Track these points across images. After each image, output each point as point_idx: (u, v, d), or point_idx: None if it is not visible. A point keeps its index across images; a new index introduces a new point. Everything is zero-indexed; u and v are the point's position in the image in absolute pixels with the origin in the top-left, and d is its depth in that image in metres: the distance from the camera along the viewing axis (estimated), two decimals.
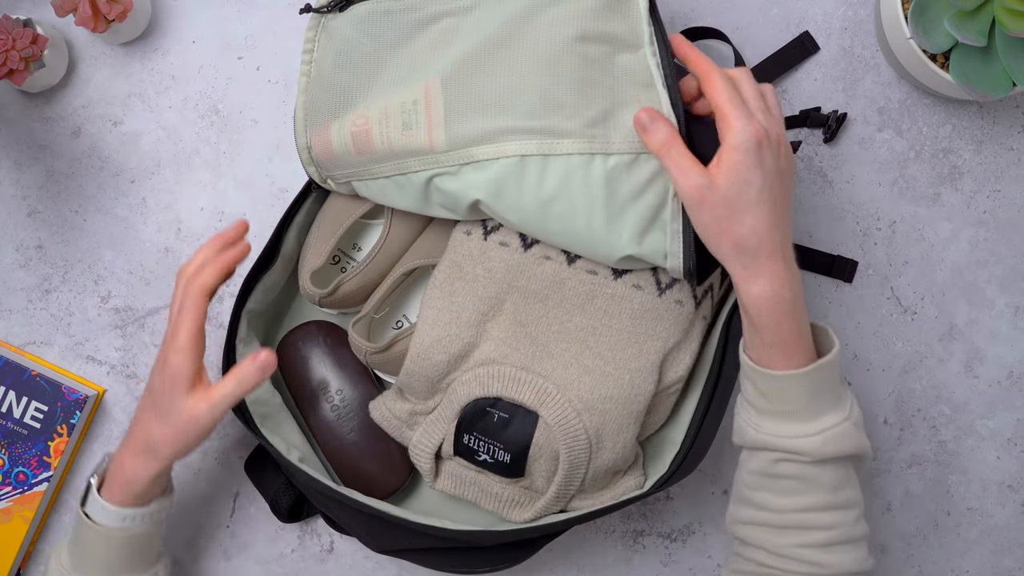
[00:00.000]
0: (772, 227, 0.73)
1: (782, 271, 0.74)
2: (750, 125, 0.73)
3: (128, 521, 0.82)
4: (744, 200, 0.73)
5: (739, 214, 0.73)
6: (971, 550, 0.99)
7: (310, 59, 0.84)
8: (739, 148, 0.73)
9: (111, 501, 0.81)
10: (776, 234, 0.74)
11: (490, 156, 0.77)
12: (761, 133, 0.73)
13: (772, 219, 0.73)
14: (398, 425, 0.89)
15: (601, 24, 0.78)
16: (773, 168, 0.73)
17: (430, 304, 0.85)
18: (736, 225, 0.73)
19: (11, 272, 1.00)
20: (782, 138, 0.75)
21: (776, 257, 0.74)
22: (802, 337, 0.75)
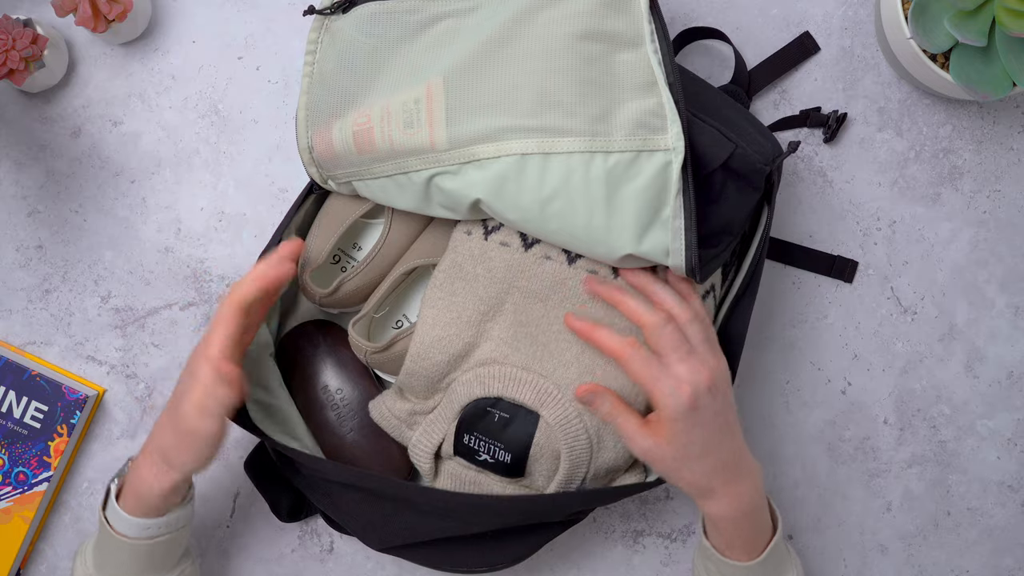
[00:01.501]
0: (720, 466, 0.79)
1: (738, 491, 0.80)
2: (679, 395, 0.77)
3: (147, 531, 0.82)
4: (691, 456, 0.78)
5: (689, 465, 0.78)
6: (971, 550, 1.00)
7: (313, 60, 0.85)
8: (675, 419, 0.77)
9: (126, 510, 0.81)
10: (727, 467, 0.79)
11: (491, 155, 0.77)
12: (691, 395, 0.77)
13: (719, 458, 0.79)
14: (398, 425, 0.89)
15: (602, 22, 0.78)
16: (711, 415, 0.78)
17: (430, 304, 0.85)
18: (687, 474, 0.79)
19: (11, 272, 1.00)
20: (714, 373, 0.78)
21: (730, 482, 0.80)
22: (760, 533, 0.82)
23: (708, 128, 0.79)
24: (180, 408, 0.79)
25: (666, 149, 0.75)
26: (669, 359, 0.78)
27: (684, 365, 0.77)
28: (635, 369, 0.78)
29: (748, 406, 0.99)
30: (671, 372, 0.77)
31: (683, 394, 0.77)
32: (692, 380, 0.77)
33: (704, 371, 0.78)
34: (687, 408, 0.77)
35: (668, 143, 0.75)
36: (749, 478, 0.81)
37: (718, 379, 0.79)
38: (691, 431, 0.78)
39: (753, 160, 0.79)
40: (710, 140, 0.78)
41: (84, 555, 0.86)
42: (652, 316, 0.78)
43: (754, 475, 0.81)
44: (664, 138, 0.75)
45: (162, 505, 0.81)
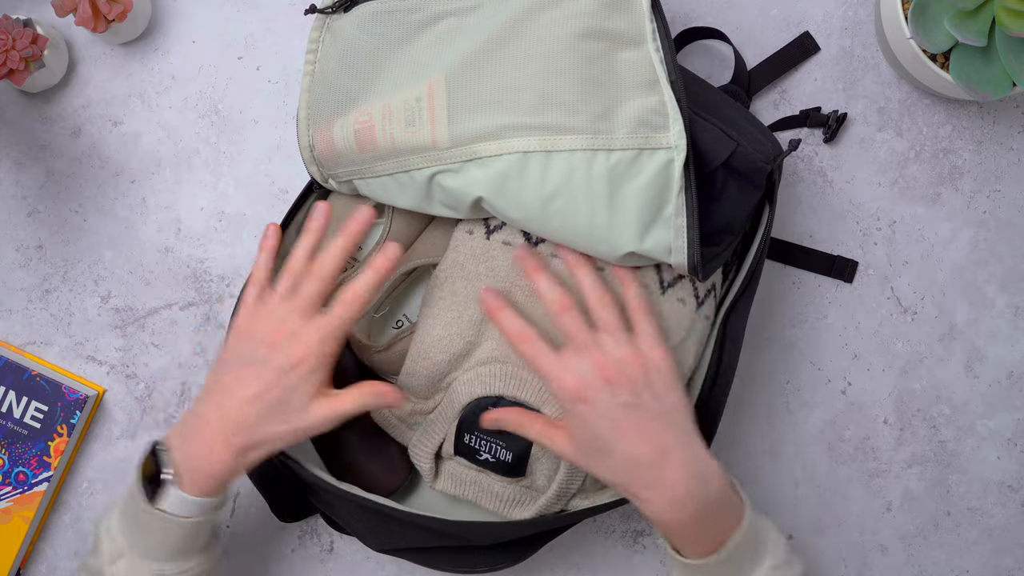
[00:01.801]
0: (635, 464, 0.74)
1: (666, 496, 0.74)
2: (563, 384, 0.74)
3: (206, 509, 0.79)
4: (595, 452, 0.75)
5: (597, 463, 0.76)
6: (971, 550, 1.00)
7: (314, 59, 0.85)
8: (565, 411, 0.76)
9: (196, 493, 0.78)
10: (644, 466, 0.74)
11: (493, 153, 0.78)
12: (575, 387, 0.74)
13: (632, 455, 0.74)
14: (398, 424, 0.89)
15: (603, 21, 0.78)
16: (608, 410, 0.74)
17: (431, 303, 0.85)
18: (600, 471, 0.76)
19: (11, 272, 1.00)
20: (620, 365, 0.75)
21: (653, 485, 0.74)
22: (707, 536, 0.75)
23: (709, 126, 0.79)
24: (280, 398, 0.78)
25: (668, 147, 0.75)
26: (565, 350, 0.76)
27: (578, 356, 0.75)
28: (527, 360, 0.77)
29: (748, 406, 0.99)
30: (560, 362, 0.75)
31: (565, 386, 0.74)
32: (581, 371, 0.74)
33: (601, 361, 0.74)
34: (571, 400, 0.74)
35: (670, 141, 0.75)
36: (682, 477, 0.74)
37: (630, 370, 0.75)
38: (585, 424, 0.75)
39: (754, 158, 0.79)
40: (711, 138, 0.78)
41: (110, 534, 0.80)
42: (552, 300, 0.76)
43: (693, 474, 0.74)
44: (666, 136, 0.76)
45: (231, 481, 0.80)
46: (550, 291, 0.78)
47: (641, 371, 0.76)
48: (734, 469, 0.99)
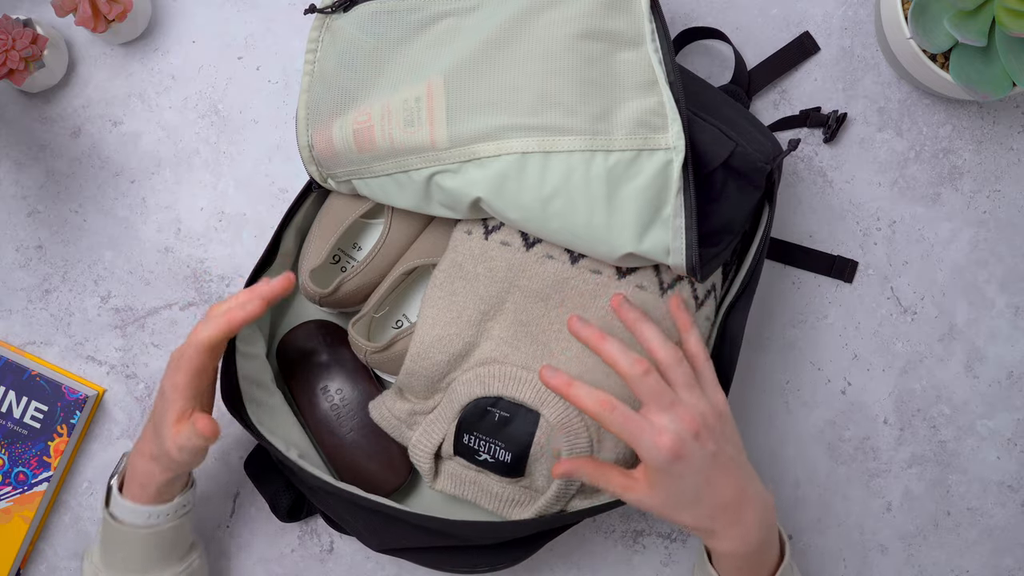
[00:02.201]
0: (719, 507, 0.76)
1: (743, 530, 0.77)
2: (659, 448, 0.74)
3: (154, 518, 0.83)
4: (683, 503, 0.76)
5: (684, 511, 0.77)
6: (971, 550, 0.99)
7: (313, 59, 0.85)
8: (659, 471, 0.75)
9: (133, 501, 0.83)
10: (727, 508, 0.77)
11: (491, 153, 0.78)
12: (672, 447, 0.74)
13: (717, 500, 0.76)
14: (397, 425, 0.89)
15: (602, 22, 0.78)
16: (700, 461, 0.75)
17: (430, 303, 0.85)
18: (685, 518, 0.77)
19: (11, 272, 1.00)
20: (703, 417, 0.76)
21: (733, 523, 0.77)
22: (765, 564, 0.80)
23: (708, 127, 0.79)
24: (160, 432, 0.80)
25: (667, 148, 0.75)
26: (649, 410, 0.75)
27: (665, 415, 0.75)
28: (615, 430, 0.75)
29: (748, 406, 0.99)
30: (651, 424, 0.75)
31: (663, 447, 0.74)
32: (674, 430, 0.74)
33: (688, 417, 0.75)
34: (669, 460, 0.74)
35: (669, 142, 0.75)
36: (755, 514, 0.78)
37: (709, 421, 0.76)
38: (679, 481, 0.75)
39: (754, 158, 0.79)
40: (710, 138, 0.78)
41: (91, 555, 0.87)
42: (630, 367, 0.75)
43: (761, 508, 0.78)
44: (665, 137, 0.75)
45: (165, 493, 0.83)
46: (624, 356, 0.76)
47: (716, 420, 0.77)
48: None
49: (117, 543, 0.84)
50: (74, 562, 1.00)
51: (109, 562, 0.85)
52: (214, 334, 0.77)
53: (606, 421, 0.75)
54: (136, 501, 0.83)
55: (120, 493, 0.84)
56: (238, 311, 0.77)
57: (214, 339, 0.77)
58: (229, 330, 0.78)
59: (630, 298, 0.83)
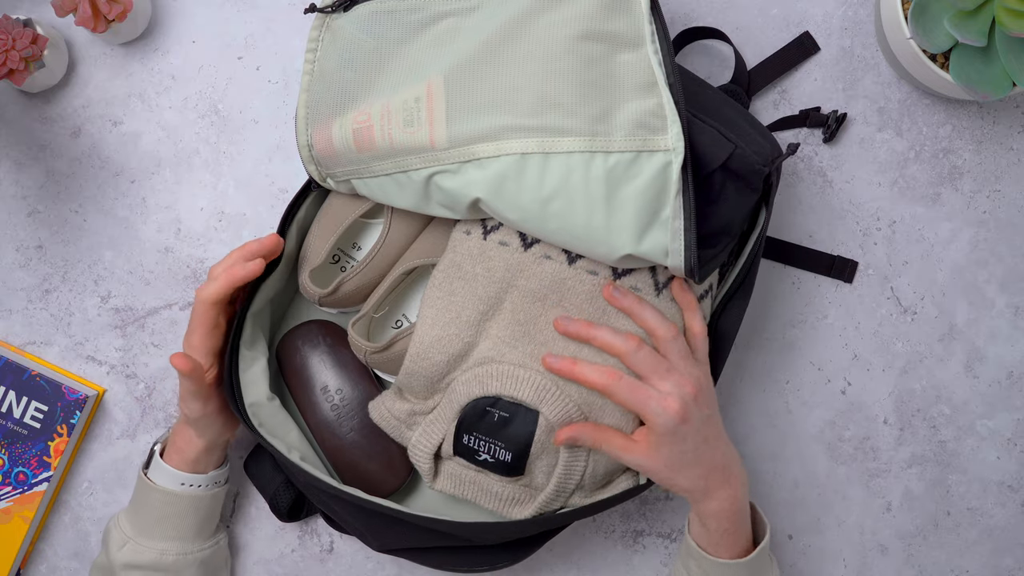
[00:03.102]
0: (713, 468, 0.82)
1: (729, 491, 0.83)
2: (668, 411, 0.79)
3: (187, 487, 0.89)
4: (685, 463, 0.81)
5: (683, 472, 0.81)
6: (971, 550, 0.99)
7: (313, 58, 0.85)
8: (667, 433, 0.80)
9: (170, 464, 0.89)
10: (719, 469, 0.82)
11: (491, 154, 0.78)
12: (679, 409, 0.80)
13: (712, 461, 0.82)
14: (397, 425, 0.89)
15: (602, 23, 0.78)
16: (699, 423, 0.81)
17: (430, 304, 0.85)
18: (682, 480, 0.82)
19: (11, 272, 1.00)
20: (699, 382, 0.81)
21: (723, 484, 0.82)
22: (744, 535, 0.85)
23: (708, 128, 0.79)
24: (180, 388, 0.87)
25: (666, 149, 0.75)
26: (651, 379, 0.80)
27: (667, 381, 0.80)
28: (622, 398, 0.80)
29: (748, 406, 0.99)
30: (657, 391, 0.80)
31: (671, 409, 0.79)
32: (678, 393, 0.80)
33: (687, 382, 0.80)
34: (677, 421, 0.79)
35: (668, 143, 0.75)
36: (739, 473, 0.84)
37: (703, 387, 0.82)
38: (683, 442, 0.80)
39: (752, 161, 0.79)
40: (710, 140, 0.78)
41: (119, 524, 0.91)
42: (623, 344, 0.81)
43: (741, 469, 0.84)
44: (664, 138, 0.75)
45: (202, 463, 0.90)
46: (615, 337, 0.81)
47: (709, 383, 0.83)
48: None
49: (153, 506, 0.89)
50: (74, 562, 1.00)
51: (141, 528, 0.90)
52: (219, 289, 0.83)
53: (613, 391, 0.80)
54: (173, 466, 0.89)
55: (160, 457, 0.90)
56: (239, 269, 0.84)
57: (219, 294, 0.84)
58: (231, 286, 0.84)
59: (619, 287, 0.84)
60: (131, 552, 0.89)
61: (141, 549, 0.89)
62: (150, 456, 0.92)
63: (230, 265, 0.85)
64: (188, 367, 0.83)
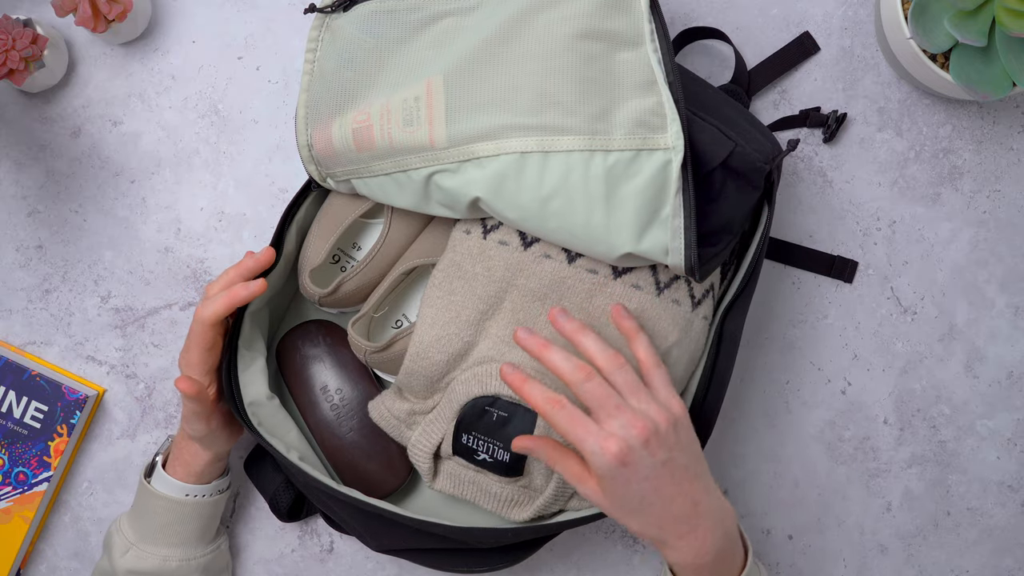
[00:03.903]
0: (669, 517, 0.75)
1: (694, 542, 0.76)
2: (604, 454, 0.73)
3: (191, 495, 0.90)
4: (629, 509, 0.75)
5: (630, 517, 0.75)
6: (971, 550, 0.99)
7: (313, 58, 0.85)
8: (603, 477, 0.74)
9: (175, 477, 0.89)
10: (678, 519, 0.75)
11: (490, 153, 0.78)
12: (617, 453, 0.73)
13: (666, 509, 0.75)
14: (397, 425, 0.89)
15: (602, 22, 0.78)
16: (648, 469, 0.74)
17: (429, 303, 0.85)
18: (632, 524, 0.76)
19: (11, 272, 1.00)
20: (654, 423, 0.74)
21: (685, 535, 0.76)
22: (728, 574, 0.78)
23: (708, 126, 0.79)
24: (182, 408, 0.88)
25: (666, 148, 0.75)
26: (597, 415, 0.74)
27: (613, 420, 0.74)
28: (561, 429, 0.74)
29: (748, 406, 0.99)
30: (599, 428, 0.74)
31: (608, 451, 0.73)
32: (621, 435, 0.73)
33: (637, 423, 0.73)
34: (614, 466, 0.73)
35: (668, 142, 0.75)
36: (710, 526, 0.76)
37: (661, 428, 0.74)
38: (625, 486, 0.74)
39: (753, 159, 0.79)
40: (710, 138, 0.78)
41: (121, 530, 0.91)
42: (572, 372, 0.75)
43: (718, 521, 0.77)
44: (664, 137, 0.75)
45: (208, 472, 0.90)
46: (566, 363, 0.75)
47: (669, 427, 0.75)
48: (734, 469, 0.99)
49: (156, 513, 0.90)
50: (74, 562, 1.00)
51: (143, 534, 0.90)
52: (220, 311, 0.83)
53: (554, 419, 0.74)
54: (178, 479, 0.89)
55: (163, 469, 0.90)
56: (241, 290, 0.83)
57: (218, 315, 0.83)
58: (232, 307, 0.83)
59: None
60: (134, 558, 0.89)
61: (144, 555, 0.89)
62: (152, 465, 0.92)
63: (228, 283, 0.84)
64: (194, 390, 0.83)
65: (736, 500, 0.99)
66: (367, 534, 0.88)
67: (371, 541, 0.88)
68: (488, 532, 0.85)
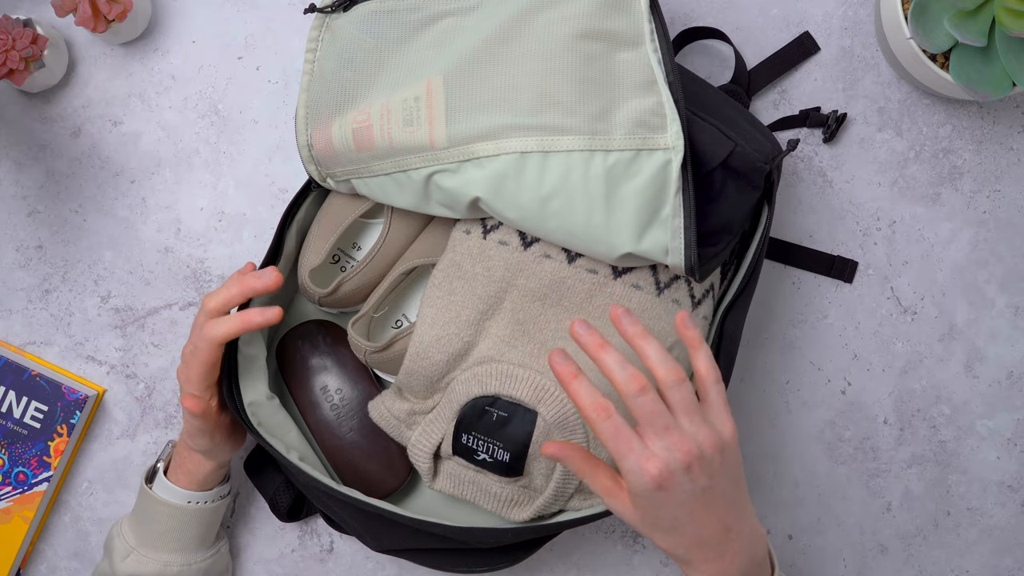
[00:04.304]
0: (698, 541, 0.72)
1: (720, 565, 0.73)
2: (643, 474, 0.70)
3: (193, 502, 0.90)
4: (661, 528, 0.72)
5: (660, 536, 0.73)
6: (971, 550, 0.99)
7: (313, 58, 0.85)
8: (638, 496, 0.71)
9: (178, 485, 0.89)
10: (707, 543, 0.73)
11: (490, 153, 0.78)
12: (657, 476, 0.70)
13: (697, 533, 0.72)
14: (397, 425, 0.89)
15: (602, 22, 0.78)
16: (686, 494, 0.71)
17: (429, 303, 0.85)
18: (660, 542, 0.73)
19: (11, 272, 1.00)
20: (700, 449, 0.70)
21: (712, 559, 0.73)
22: None
23: (708, 126, 0.79)
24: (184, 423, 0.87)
25: (665, 148, 0.75)
26: (643, 431, 0.71)
27: (659, 441, 0.70)
28: (604, 438, 0.71)
29: (748, 406, 0.99)
30: (643, 446, 0.70)
31: (647, 473, 0.69)
32: (664, 458, 0.70)
33: (683, 447, 0.70)
34: (652, 488, 0.70)
35: (668, 142, 0.75)
36: (739, 551, 0.74)
37: (707, 453, 0.71)
38: (659, 508, 0.71)
39: (753, 158, 0.79)
40: (710, 138, 0.78)
41: (122, 534, 0.91)
42: (626, 383, 0.70)
43: (747, 545, 0.74)
44: (664, 137, 0.75)
45: (211, 479, 0.90)
46: (621, 370, 0.71)
47: (716, 452, 0.72)
48: None
49: (157, 519, 0.89)
50: (74, 562, 1.00)
51: (144, 539, 0.90)
52: (230, 331, 0.82)
53: (597, 428, 0.71)
54: (181, 487, 0.89)
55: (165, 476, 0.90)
56: (257, 316, 0.82)
57: (229, 337, 0.82)
58: (243, 330, 0.82)
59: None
60: (135, 563, 0.89)
61: (145, 560, 0.89)
62: (153, 472, 0.92)
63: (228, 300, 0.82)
64: (200, 407, 0.83)
65: None
66: (367, 534, 0.88)
67: (371, 541, 0.88)
68: (488, 532, 0.85)
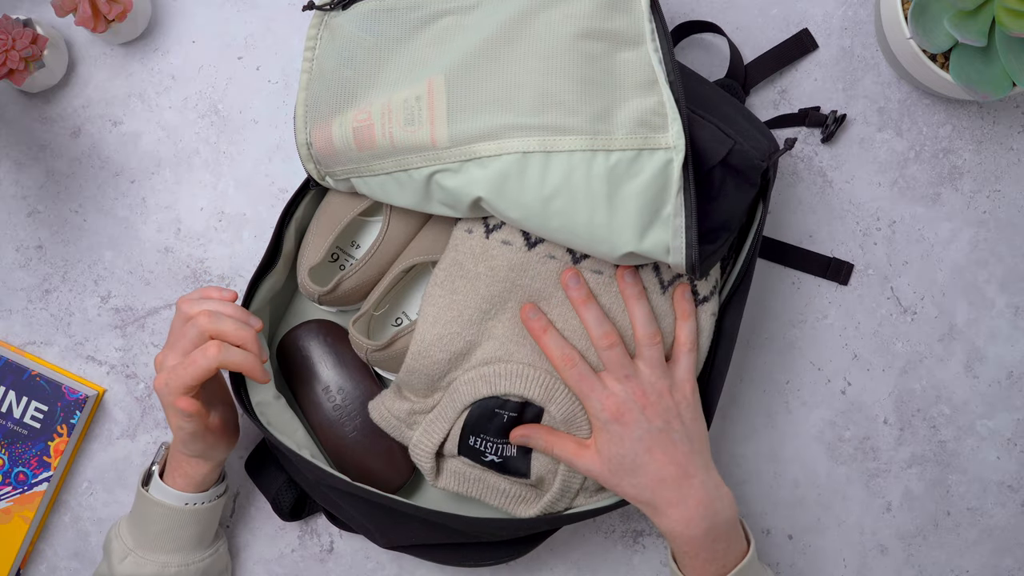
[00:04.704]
0: (658, 482, 0.80)
1: (683, 512, 0.80)
2: (604, 406, 0.81)
3: (190, 503, 0.89)
4: (623, 469, 0.81)
5: (625, 479, 0.81)
6: (971, 550, 0.99)
7: (312, 56, 0.85)
8: (600, 429, 0.81)
9: (175, 488, 0.88)
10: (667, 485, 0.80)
11: (492, 153, 0.77)
12: (616, 407, 0.80)
13: (657, 474, 0.80)
14: (397, 425, 0.89)
15: (603, 22, 0.78)
16: (644, 432, 0.80)
17: (431, 302, 0.85)
18: (627, 488, 0.81)
19: (11, 272, 1.00)
20: (659, 398, 0.81)
21: (675, 503, 0.80)
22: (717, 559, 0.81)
23: (707, 124, 0.79)
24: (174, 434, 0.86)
25: (667, 147, 0.75)
26: (606, 377, 0.82)
27: (618, 384, 0.81)
28: (571, 383, 0.82)
29: (748, 406, 0.99)
30: (604, 387, 0.81)
31: (607, 409, 0.80)
32: (621, 396, 0.81)
33: (639, 390, 0.81)
34: (610, 419, 0.80)
35: (669, 141, 0.75)
36: (702, 498, 0.81)
37: (664, 399, 0.81)
38: (619, 444, 0.80)
39: (751, 156, 0.79)
40: (709, 136, 0.79)
41: (120, 536, 0.90)
42: (599, 337, 0.81)
43: (709, 497, 0.81)
44: (665, 136, 0.75)
45: (208, 480, 0.89)
46: (598, 326, 0.82)
47: (673, 402, 0.82)
48: (734, 469, 0.99)
49: (154, 521, 0.89)
50: (74, 562, 1.00)
51: (142, 540, 0.89)
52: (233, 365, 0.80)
53: (565, 375, 0.82)
54: (178, 489, 0.88)
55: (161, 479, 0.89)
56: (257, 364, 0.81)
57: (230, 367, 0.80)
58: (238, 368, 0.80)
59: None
60: (133, 564, 0.89)
61: (143, 562, 0.89)
62: (148, 475, 0.91)
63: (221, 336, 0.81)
64: (195, 408, 0.82)
65: (736, 500, 0.99)
66: (376, 531, 0.88)
67: (379, 538, 0.89)
68: (505, 523, 0.85)
